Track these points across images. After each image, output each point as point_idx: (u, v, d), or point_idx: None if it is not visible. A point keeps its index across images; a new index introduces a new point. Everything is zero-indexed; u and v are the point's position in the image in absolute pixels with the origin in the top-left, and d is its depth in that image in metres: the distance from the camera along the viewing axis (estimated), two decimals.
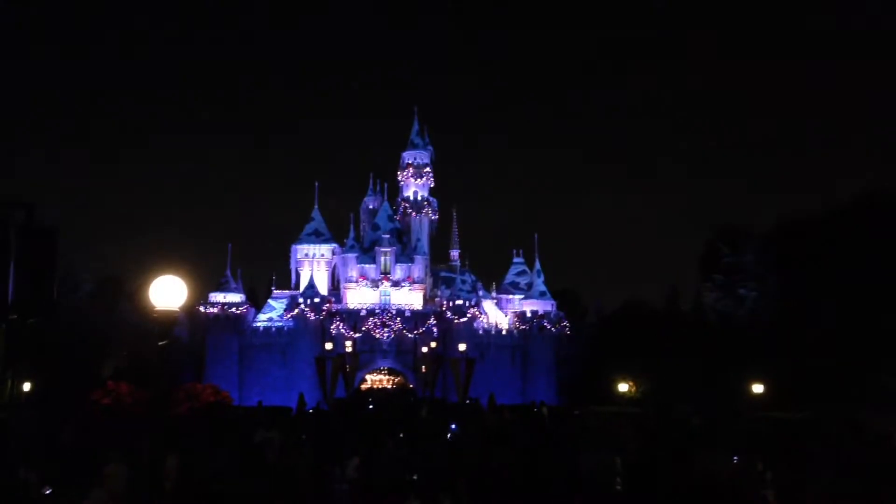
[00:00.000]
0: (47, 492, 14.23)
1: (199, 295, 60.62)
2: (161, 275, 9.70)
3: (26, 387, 33.31)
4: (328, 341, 57.76)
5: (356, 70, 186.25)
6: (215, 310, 60.29)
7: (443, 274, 66.94)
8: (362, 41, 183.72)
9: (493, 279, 69.73)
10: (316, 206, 67.26)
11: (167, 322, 9.64)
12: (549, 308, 63.39)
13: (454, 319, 59.57)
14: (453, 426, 17.21)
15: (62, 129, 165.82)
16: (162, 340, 9.85)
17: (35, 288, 10.60)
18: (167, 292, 9.56)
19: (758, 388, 36.45)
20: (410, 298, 61.94)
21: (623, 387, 43.01)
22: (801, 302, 41.48)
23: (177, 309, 9.73)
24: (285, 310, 61.51)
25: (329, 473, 16.05)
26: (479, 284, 67.21)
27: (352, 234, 64.23)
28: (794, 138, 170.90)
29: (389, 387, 60.10)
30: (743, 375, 37.57)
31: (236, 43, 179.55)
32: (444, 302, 60.67)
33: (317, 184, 67.21)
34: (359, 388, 57.93)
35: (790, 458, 17.91)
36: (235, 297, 61.47)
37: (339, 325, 59.31)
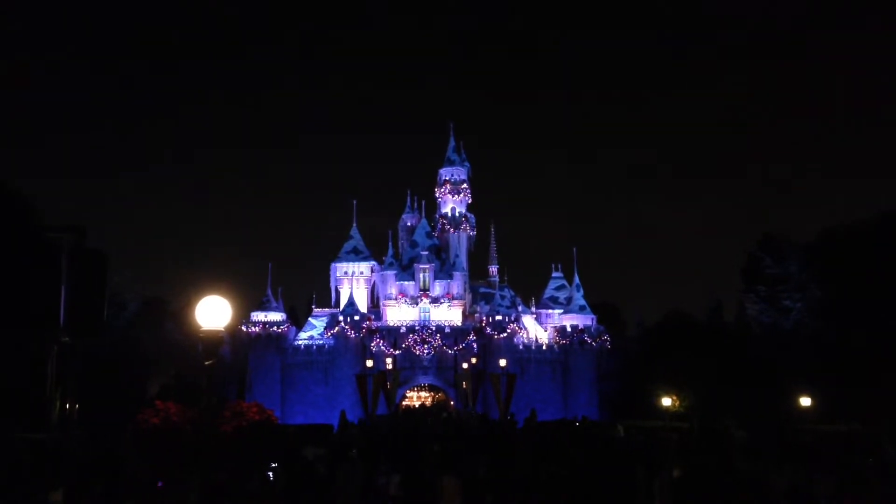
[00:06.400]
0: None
1: (242, 314, 61.47)
2: (205, 295, 9.77)
3: (75, 407, 33.94)
4: (369, 359, 58.01)
5: (392, 85, 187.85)
6: (257, 329, 61.09)
7: (482, 290, 66.97)
8: (398, 56, 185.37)
9: (531, 294, 69.49)
10: (354, 225, 67.86)
11: (213, 342, 9.73)
12: (588, 322, 62.98)
13: (494, 335, 59.49)
14: None
15: (108, 153, 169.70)
16: (208, 360, 9.96)
17: (86, 311, 10.87)
18: (213, 312, 9.68)
19: (805, 402, 35.78)
20: (450, 315, 61.99)
21: (666, 401, 42.33)
22: (848, 312, 40.67)
23: (222, 329, 9.79)
24: (326, 328, 61.95)
25: (375, 489, 16.15)
26: (519, 299, 66.96)
27: (390, 252, 64.61)
28: (836, 146, 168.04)
29: (429, 403, 60.16)
30: (789, 388, 36.90)
31: (273, 60, 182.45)
32: (484, 318, 60.63)
33: (354, 202, 68.09)
34: (399, 405, 58.06)
35: (839, 472, 17.57)
36: (277, 316, 62.20)
37: (379, 342, 59.55)
